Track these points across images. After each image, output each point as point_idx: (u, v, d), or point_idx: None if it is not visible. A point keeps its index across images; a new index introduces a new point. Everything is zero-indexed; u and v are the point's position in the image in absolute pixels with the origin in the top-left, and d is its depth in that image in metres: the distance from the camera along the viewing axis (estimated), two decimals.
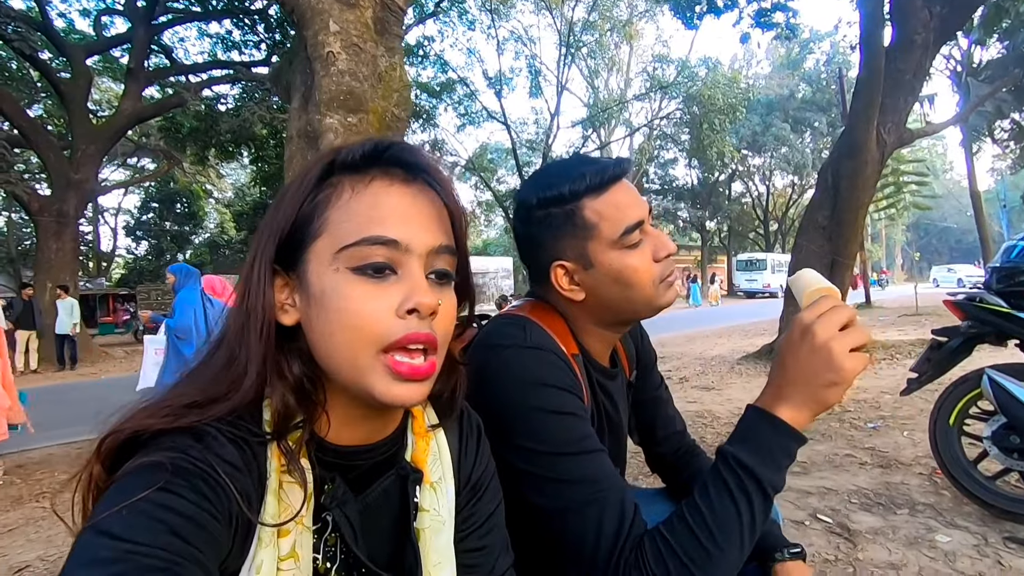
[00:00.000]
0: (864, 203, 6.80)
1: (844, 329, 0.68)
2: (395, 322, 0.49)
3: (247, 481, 0.47)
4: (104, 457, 0.46)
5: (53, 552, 2.53)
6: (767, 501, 0.68)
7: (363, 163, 0.53)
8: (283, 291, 0.54)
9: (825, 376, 0.67)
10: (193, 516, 0.42)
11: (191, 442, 0.46)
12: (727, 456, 0.70)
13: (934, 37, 6.38)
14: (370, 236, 0.49)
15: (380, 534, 0.58)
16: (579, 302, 0.84)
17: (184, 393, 0.50)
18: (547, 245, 0.83)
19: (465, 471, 0.66)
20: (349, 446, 0.55)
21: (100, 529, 0.39)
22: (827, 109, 27.16)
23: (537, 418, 0.73)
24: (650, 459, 1.11)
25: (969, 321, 2.42)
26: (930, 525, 2.24)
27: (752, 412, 0.72)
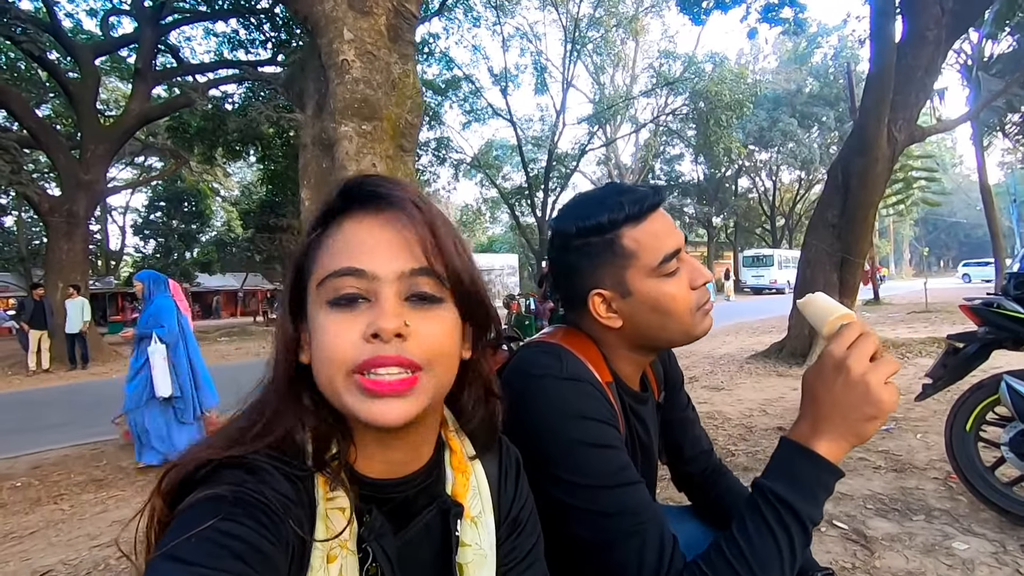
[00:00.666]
0: (874, 201, 6.75)
1: (874, 358, 0.68)
2: (363, 347, 0.51)
3: (299, 511, 0.51)
4: (165, 493, 0.50)
5: (75, 556, 2.56)
6: (806, 535, 0.69)
7: (341, 204, 0.57)
8: (304, 332, 0.57)
9: (863, 411, 0.67)
10: (254, 543, 0.45)
11: (246, 476, 0.49)
12: (765, 490, 0.70)
13: (946, 33, 6.31)
14: (339, 268, 0.53)
15: (421, 567, 0.60)
16: (616, 330, 0.85)
17: (229, 430, 0.54)
18: (585, 273, 0.84)
19: (505, 505, 0.67)
20: (381, 479, 0.57)
21: (170, 555, 0.43)
22: (835, 104, 26.98)
23: (577, 451, 0.74)
24: (676, 478, 1.11)
25: (986, 327, 2.41)
26: (947, 532, 2.24)
27: (788, 446, 0.73)
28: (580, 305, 0.86)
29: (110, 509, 3.24)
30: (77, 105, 12.14)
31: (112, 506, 3.29)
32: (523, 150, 24.99)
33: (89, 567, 2.44)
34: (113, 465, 4.12)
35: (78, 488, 3.64)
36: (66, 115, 16.61)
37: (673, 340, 0.86)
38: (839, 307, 0.76)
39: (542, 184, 25.34)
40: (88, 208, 12.18)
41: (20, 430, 5.64)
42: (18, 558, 2.60)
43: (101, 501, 3.39)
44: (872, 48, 6.36)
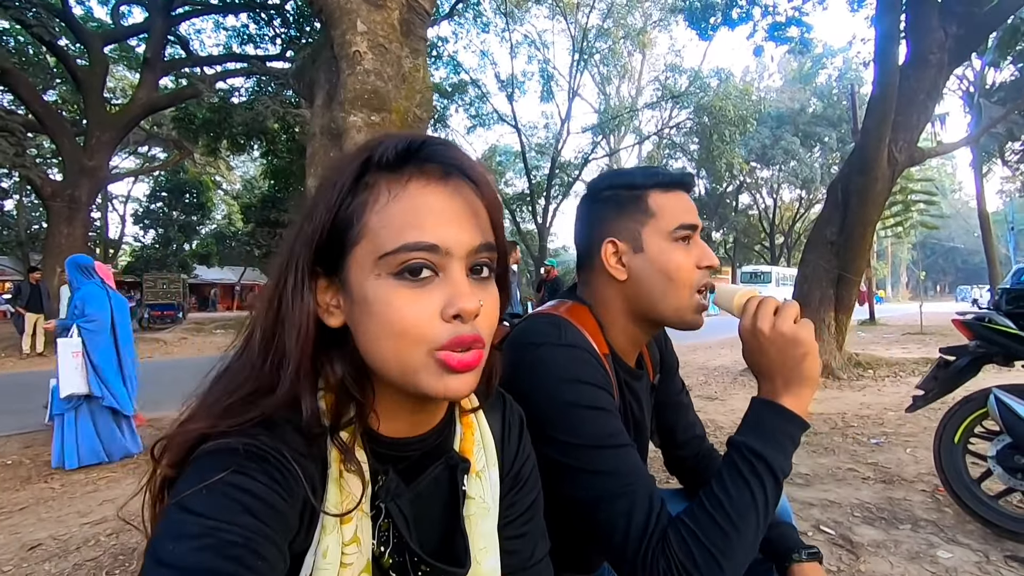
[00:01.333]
0: (873, 220, 6.81)
1: (778, 312, 0.76)
2: (441, 326, 0.50)
3: (312, 469, 0.50)
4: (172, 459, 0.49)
5: (64, 532, 2.56)
6: (777, 484, 0.73)
7: (398, 162, 0.52)
8: (326, 293, 0.54)
9: (794, 353, 0.74)
10: (265, 497, 0.45)
11: (261, 429, 0.49)
12: (738, 445, 0.75)
13: (949, 57, 6.40)
14: (409, 242, 0.49)
15: (430, 521, 0.61)
16: (618, 286, 0.89)
17: (221, 396, 0.52)
18: (606, 221, 0.90)
19: (508, 460, 0.69)
20: (399, 438, 0.58)
21: (183, 506, 0.43)
22: (837, 124, 27.16)
23: (573, 413, 0.77)
24: (669, 462, 1.14)
25: (977, 341, 2.45)
26: (932, 541, 2.26)
27: (757, 402, 0.78)
28: (591, 257, 0.91)
29: (100, 489, 3.24)
30: (84, 92, 12.17)
31: (103, 486, 3.29)
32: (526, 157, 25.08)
33: (79, 542, 2.44)
34: None
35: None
36: (73, 101, 16.66)
37: (666, 315, 0.89)
38: (737, 288, 0.83)
39: (544, 191, 25.43)
40: (90, 194, 12.18)
41: (12, 411, 5.63)
42: (7, 532, 2.60)
43: (92, 481, 3.39)
44: (876, 69, 6.44)
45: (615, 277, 0.89)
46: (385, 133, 0.59)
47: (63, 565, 2.23)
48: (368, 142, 0.56)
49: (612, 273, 0.89)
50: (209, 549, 0.41)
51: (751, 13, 10.92)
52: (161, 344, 13.08)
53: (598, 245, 0.89)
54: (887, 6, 6.30)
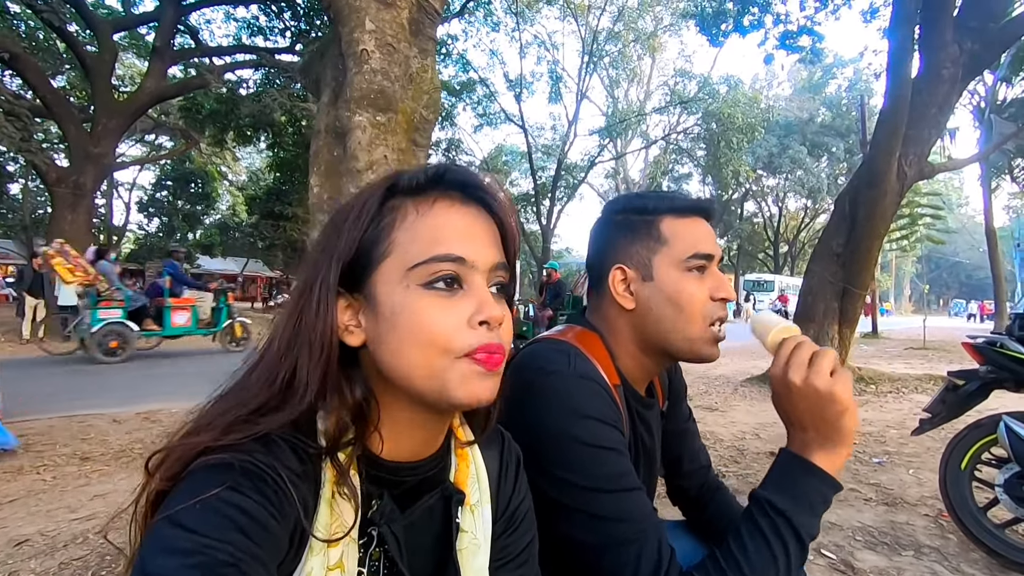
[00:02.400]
0: (880, 234, 6.75)
1: (812, 362, 0.69)
2: (469, 333, 0.52)
3: (305, 489, 0.50)
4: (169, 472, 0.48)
5: (53, 528, 2.53)
6: (802, 547, 0.68)
7: (425, 186, 0.56)
8: (346, 313, 0.55)
9: (829, 411, 0.68)
10: (258, 517, 0.45)
11: (257, 447, 0.48)
12: (761, 501, 0.69)
13: (962, 72, 6.34)
14: (439, 254, 0.52)
15: (422, 552, 0.59)
16: (625, 315, 0.85)
17: (229, 410, 0.51)
18: (616, 247, 0.86)
19: (503, 499, 0.67)
20: (398, 462, 0.57)
21: (175, 521, 0.42)
22: (846, 135, 27.09)
23: (577, 450, 0.73)
24: (672, 492, 1.10)
25: (988, 365, 2.40)
26: (935, 570, 2.21)
27: (786, 456, 0.72)
28: (601, 282, 0.87)
29: (92, 483, 3.20)
30: (93, 78, 12.16)
31: (95, 480, 3.25)
32: (533, 157, 25.05)
33: (67, 539, 2.40)
34: (99, 440, 4.08)
35: (62, 460, 3.60)
36: (81, 87, 16.66)
37: (677, 347, 0.84)
38: (779, 322, 0.77)
39: (549, 192, 25.39)
40: (95, 181, 12.17)
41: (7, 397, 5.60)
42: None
43: (84, 475, 3.35)
44: (888, 82, 6.39)
45: (623, 305, 0.85)
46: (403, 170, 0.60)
47: (49, 564, 2.19)
48: (391, 173, 0.59)
49: (619, 301, 0.84)
50: (199, 567, 0.40)
51: (763, 21, 10.86)
52: None
53: (607, 271, 0.85)
54: (901, 18, 6.25)
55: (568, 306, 9.08)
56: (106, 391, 6.15)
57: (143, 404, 5.18)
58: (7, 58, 10.78)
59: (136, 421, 4.63)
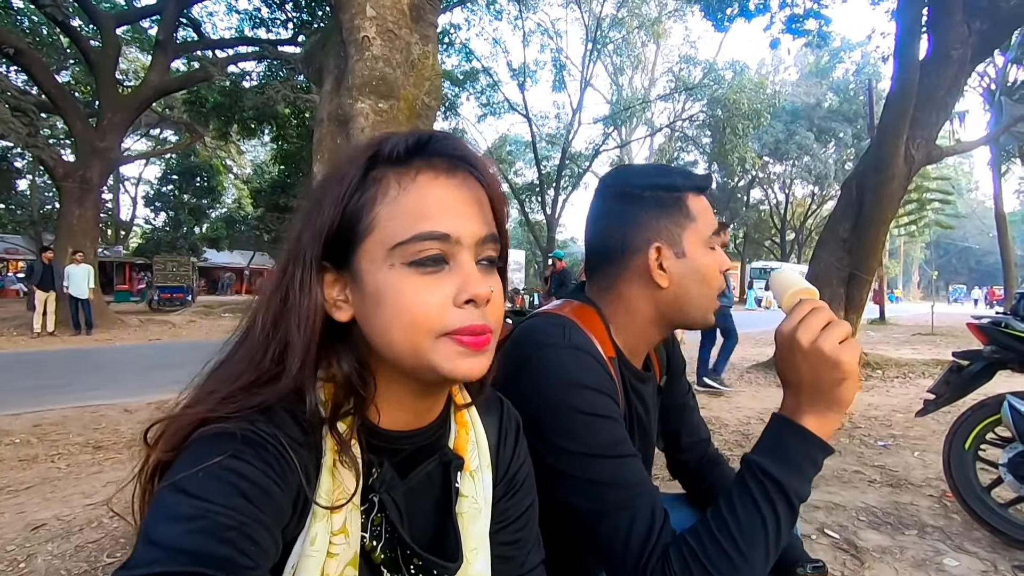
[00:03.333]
0: (887, 219, 6.70)
1: (825, 328, 0.68)
2: (453, 312, 0.51)
3: (307, 457, 0.50)
4: (169, 444, 0.48)
5: (68, 513, 2.58)
6: (792, 510, 0.69)
7: (407, 156, 0.54)
8: (334, 288, 0.54)
9: (829, 376, 0.68)
10: (260, 483, 0.45)
11: (258, 415, 0.48)
12: (752, 465, 0.70)
13: (972, 53, 6.25)
14: (422, 232, 0.50)
15: (422, 516, 0.61)
16: (656, 291, 0.85)
17: (220, 385, 0.51)
18: (647, 224, 0.85)
19: (503, 464, 0.68)
20: (396, 431, 0.58)
21: (178, 487, 0.43)
22: (853, 120, 26.76)
23: (574, 419, 0.74)
24: (672, 465, 1.11)
25: (993, 346, 2.39)
26: (938, 548, 2.23)
27: (777, 421, 0.73)
28: (624, 260, 0.86)
29: (105, 470, 3.26)
30: (97, 73, 12.19)
31: (108, 467, 3.31)
32: (537, 147, 24.96)
33: (82, 523, 2.45)
34: (111, 429, 4.15)
35: (76, 448, 3.66)
36: (85, 82, 16.71)
37: (693, 318, 0.87)
38: (801, 282, 0.76)
39: (553, 182, 25.30)
40: (101, 175, 12.24)
41: (22, 389, 5.70)
42: (13, 510, 2.62)
43: (97, 462, 3.41)
44: (895, 64, 6.31)
45: (656, 283, 0.84)
46: (388, 132, 0.59)
47: (65, 546, 2.25)
48: (373, 139, 0.57)
49: (655, 279, 0.84)
50: (203, 532, 0.41)
51: (768, 4, 10.72)
52: (170, 326, 13.19)
53: (640, 248, 0.84)
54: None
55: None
56: (117, 381, 6.23)
57: (153, 394, 5.24)
58: (12, 53, 10.81)
59: (147, 410, 4.69)
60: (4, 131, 10.19)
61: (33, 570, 2.06)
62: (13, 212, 23.61)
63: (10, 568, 2.08)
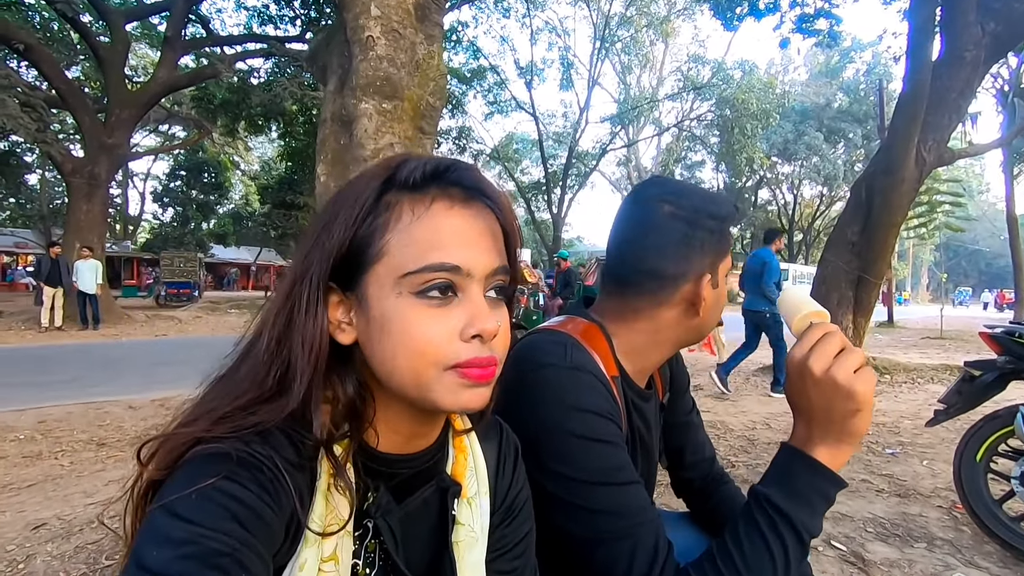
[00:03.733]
0: (897, 222, 6.62)
1: (839, 355, 0.66)
2: (460, 346, 0.50)
3: (301, 480, 0.49)
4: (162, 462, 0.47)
5: (69, 512, 2.58)
6: (802, 545, 0.66)
7: (423, 183, 0.53)
8: (338, 309, 0.53)
9: (843, 407, 0.65)
10: (254, 507, 0.44)
11: (254, 437, 0.48)
12: (760, 497, 0.68)
13: (985, 55, 6.15)
14: (433, 263, 0.50)
15: (418, 544, 0.59)
16: (689, 317, 0.84)
17: (218, 406, 0.50)
18: (705, 253, 0.82)
19: (501, 491, 0.67)
20: (394, 454, 0.57)
21: (170, 510, 0.42)
22: (863, 121, 26.51)
23: (571, 443, 0.71)
24: (676, 483, 1.08)
25: (1006, 356, 2.35)
26: (948, 562, 2.19)
27: (786, 451, 0.70)
28: (672, 283, 0.82)
29: (108, 468, 3.26)
30: (106, 69, 12.24)
31: (111, 466, 3.31)
32: (544, 145, 24.89)
33: (83, 523, 2.45)
34: (115, 426, 4.16)
35: (79, 445, 3.67)
36: (94, 78, 16.80)
37: (700, 339, 0.89)
38: (811, 304, 0.73)
39: (560, 181, 25.24)
40: (110, 171, 12.30)
41: (28, 384, 5.73)
42: (14, 509, 2.62)
43: (100, 460, 3.41)
44: (907, 66, 6.22)
45: (695, 311, 0.82)
46: (406, 153, 0.58)
47: (65, 547, 2.24)
48: (390, 159, 0.56)
49: (698, 307, 0.82)
50: (193, 557, 0.40)
51: (779, 3, 10.61)
52: (176, 322, 13.26)
53: (691, 276, 0.82)
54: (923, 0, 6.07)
55: (579, 295, 9.08)
56: (123, 377, 6.25)
57: (158, 391, 5.26)
58: (22, 49, 10.87)
59: (151, 408, 4.71)
60: (14, 126, 10.25)
61: (32, 571, 2.06)
62: (23, 207, 23.80)
63: (9, 569, 2.07)
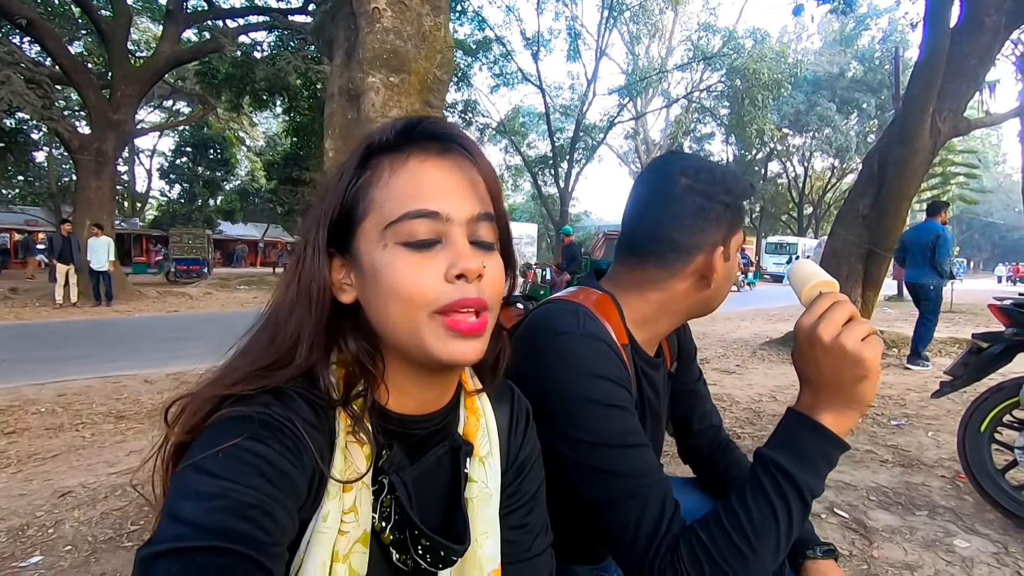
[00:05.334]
0: (909, 194, 6.52)
1: (848, 324, 0.67)
2: (445, 287, 0.52)
3: (320, 439, 0.52)
4: (187, 425, 0.50)
5: (93, 481, 2.67)
6: (805, 507, 0.68)
7: (398, 141, 0.56)
8: (340, 271, 0.57)
9: (850, 373, 0.66)
10: (279, 465, 0.47)
11: (273, 400, 0.50)
12: (765, 460, 0.70)
13: (1007, 20, 5.97)
14: (412, 210, 0.52)
15: (432, 500, 0.62)
16: (701, 290, 0.86)
17: (239, 366, 0.54)
18: (720, 227, 0.84)
19: (513, 450, 0.69)
20: (407, 415, 0.59)
21: (199, 467, 0.44)
22: (878, 90, 25.95)
23: (588, 409, 0.74)
24: (683, 450, 1.11)
25: (1014, 328, 2.35)
26: (949, 529, 2.23)
27: (792, 416, 0.72)
28: (687, 256, 0.83)
29: (128, 440, 3.36)
30: (109, 44, 12.15)
31: (131, 437, 3.41)
32: (550, 118, 24.54)
33: (107, 491, 2.54)
34: (133, 399, 4.26)
35: (99, 418, 3.77)
36: (98, 54, 16.68)
37: (709, 312, 0.91)
38: (821, 274, 0.74)
39: (567, 155, 24.96)
40: (116, 148, 12.30)
41: (47, 359, 5.85)
42: (41, 478, 2.72)
43: (120, 432, 3.51)
44: (925, 32, 6.05)
45: (707, 283, 0.85)
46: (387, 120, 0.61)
47: (91, 513, 2.33)
48: (370, 132, 0.60)
49: (709, 279, 0.84)
50: (225, 509, 0.42)
51: None
52: (187, 298, 13.41)
53: (706, 249, 0.83)
54: None
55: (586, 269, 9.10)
56: (137, 352, 6.37)
57: (173, 365, 5.36)
58: (24, 24, 10.79)
59: (167, 381, 4.81)
60: (19, 103, 10.25)
61: (61, 536, 2.15)
62: (32, 184, 23.89)
63: (40, 533, 2.16)
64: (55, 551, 2.04)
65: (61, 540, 2.12)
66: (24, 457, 3.00)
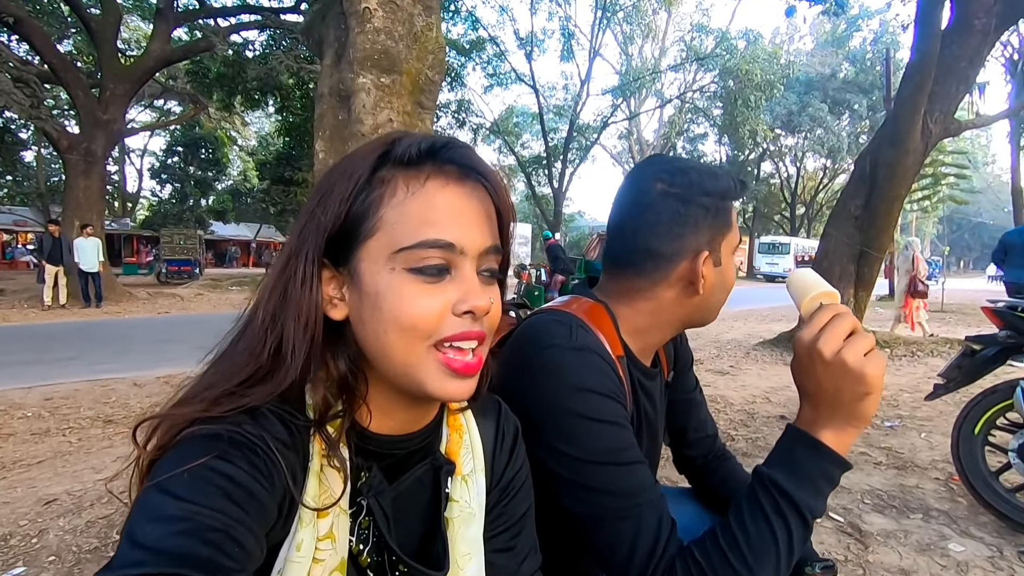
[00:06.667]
0: (901, 195, 6.57)
1: (850, 338, 0.65)
2: (451, 320, 0.51)
3: (293, 460, 0.49)
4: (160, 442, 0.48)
5: (79, 487, 2.62)
6: (805, 527, 0.66)
7: (418, 160, 0.53)
8: (330, 284, 0.53)
9: (852, 390, 0.64)
10: (246, 485, 0.44)
11: (246, 418, 0.48)
12: (764, 478, 0.68)
13: (996, 23, 6.01)
14: (427, 239, 0.50)
15: (412, 521, 0.60)
16: (692, 297, 0.83)
17: (216, 383, 0.51)
18: (701, 231, 0.81)
19: (498, 469, 0.67)
20: (387, 435, 0.57)
21: (163, 488, 0.42)
22: (869, 91, 26.06)
23: (580, 425, 0.71)
24: (678, 460, 1.09)
25: (1008, 330, 2.35)
26: (944, 532, 2.22)
27: (791, 433, 0.70)
28: (668, 263, 0.81)
29: (116, 445, 3.31)
30: (98, 42, 12.01)
31: (118, 442, 3.36)
32: (544, 118, 24.54)
33: (93, 499, 2.49)
34: (121, 403, 4.20)
35: (87, 422, 3.72)
36: (87, 52, 16.50)
37: (707, 321, 0.88)
38: (821, 284, 0.72)
39: (561, 155, 24.96)
40: (106, 147, 12.17)
41: (33, 361, 5.77)
42: (25, 485, 2.67)
43: (108, 437, 3.46)
44: (916, 34, 6.09)
45: (695, 290, 0.81)
46: (401, 131, 0.58)
47: (76, 522, 2.28)
48: (385, 136, 0.56)
49: (696, 286, 0.81)
50: (187, 533, 0.40)
51: None
52: (178, 299, 13.29)
53: (688, 254, 0.81)
54: None
55: (581, 270, 9.09)
56: (127, 355, 6.30)
57: (162, 368, 5.30)
58: (12, 22, 10.64)
59: (156, 385, 4.75)
60: (7, 102, 10.13)
61: (45, 546, 2.10)
62: (20, 184, 23.63)
63: (23, 543, 2.12)
64: (38, 562, 2.00)
65: (45, 550, 2.07)
66: (8, 463, 2.95)
